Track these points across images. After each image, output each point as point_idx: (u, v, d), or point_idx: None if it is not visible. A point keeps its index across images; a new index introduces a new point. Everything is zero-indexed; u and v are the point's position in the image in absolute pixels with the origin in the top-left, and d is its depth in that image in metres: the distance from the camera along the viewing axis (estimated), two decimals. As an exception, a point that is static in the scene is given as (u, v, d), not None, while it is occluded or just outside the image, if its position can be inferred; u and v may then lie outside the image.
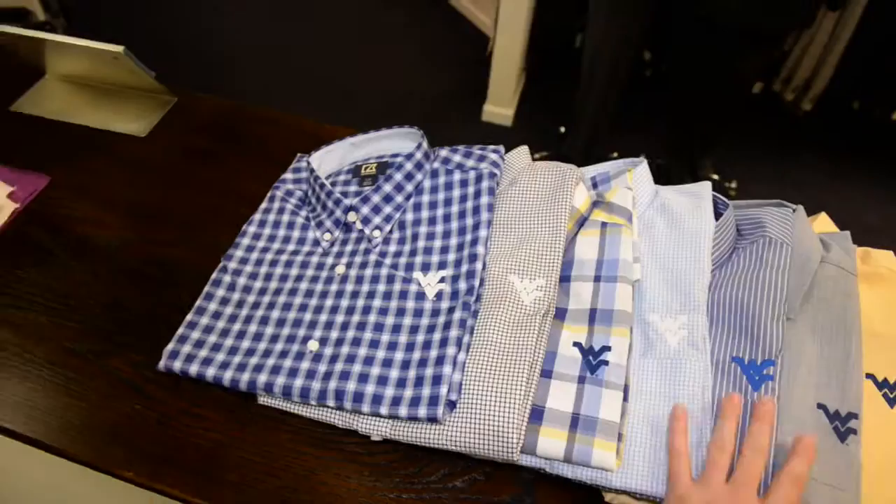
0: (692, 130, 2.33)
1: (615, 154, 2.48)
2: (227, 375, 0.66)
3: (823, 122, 2.68)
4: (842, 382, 0.63)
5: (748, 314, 0.65)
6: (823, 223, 0.78)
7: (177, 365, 0.67)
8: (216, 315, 0.72)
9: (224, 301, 0.73)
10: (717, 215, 0.73)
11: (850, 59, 2.50)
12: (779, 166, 2.56)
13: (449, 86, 2.74)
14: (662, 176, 2.39)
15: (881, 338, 0.68)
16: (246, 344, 0.68)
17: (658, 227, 0.72)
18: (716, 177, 2.40)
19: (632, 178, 0.75)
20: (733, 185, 2.40)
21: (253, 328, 0.70)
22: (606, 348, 0.63)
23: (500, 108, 2.54)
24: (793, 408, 0.62)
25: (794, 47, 2.60)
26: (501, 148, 0.78)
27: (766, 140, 2.66)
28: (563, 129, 2.50)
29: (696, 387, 0.61)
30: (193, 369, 0.67)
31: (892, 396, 0.65)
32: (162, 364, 0.68)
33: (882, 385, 0.65)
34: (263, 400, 0.67)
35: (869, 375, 0.66)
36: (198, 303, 0.72)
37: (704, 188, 0.74)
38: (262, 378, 0.64)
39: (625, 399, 0.61)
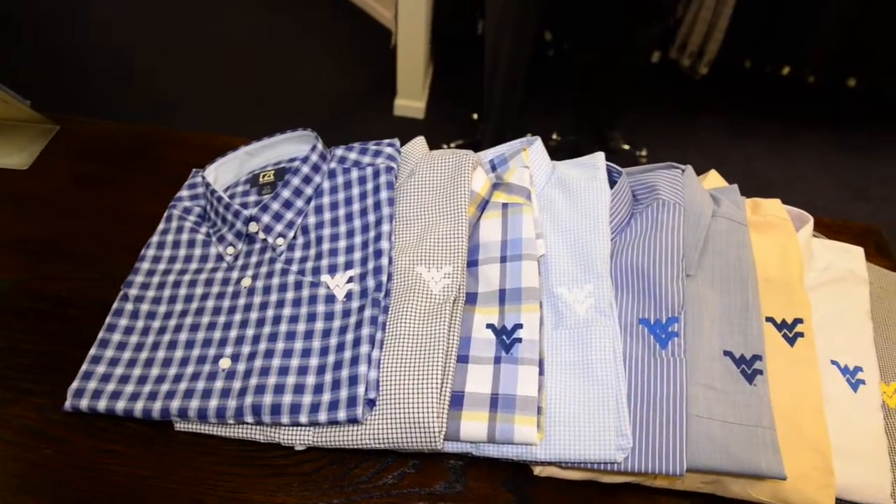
0: (599, 105, 2.39)
1: (529, 135, 2.52)
2: (139, 406, 0.63)
3: (720, 83, 2.80)
4: (743, 328, 0.66)
5: (649, 276, 0.67)
6: (713, 179, 0.82)
7: (84, 403, 0.64)
8: (121, 346, 0.69)
9: (128, 330, 0.70)
10: (613, 184, 0.75)
11: (738, 22, 2.61)
12: (683, 130, 2.66)
13: (358, 83, 2.72)
14: (575, 152, 2.45)
15: (776, 282, 0.71)
16: (155, 371, 0.66)
17: (557, 202, 0.73)
18: (627, 147, 2.47)
19: (528, 157, 0.76)
20: (644, 152, 2.48)
21: (161, 354, 0.67)
22: (518, 326, 0.64)
23: (410, 101, 2.54)
24: (701, 358, 0.64)
25: (686, 15, 2.70)
26: (396, 141, 0.78)
27: (670, 106, 2.76)
28: (475, 116, 2.52)
29: (608, 351, 0.63)
30: (102, 405, 0.64)
31: (791, 336, 0.68)
32: (68, 404, 0.65)
33: (781, 326, 0.69)
34: (180, 426, 0.64)
35: (769, 319, 0.69)
36: (100, 336, 0.69)
37: (598, 159, 0.76)
38: (175, 404, 0.62)
39: (541, 373, 0.62)
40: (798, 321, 0.68)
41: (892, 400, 0.71)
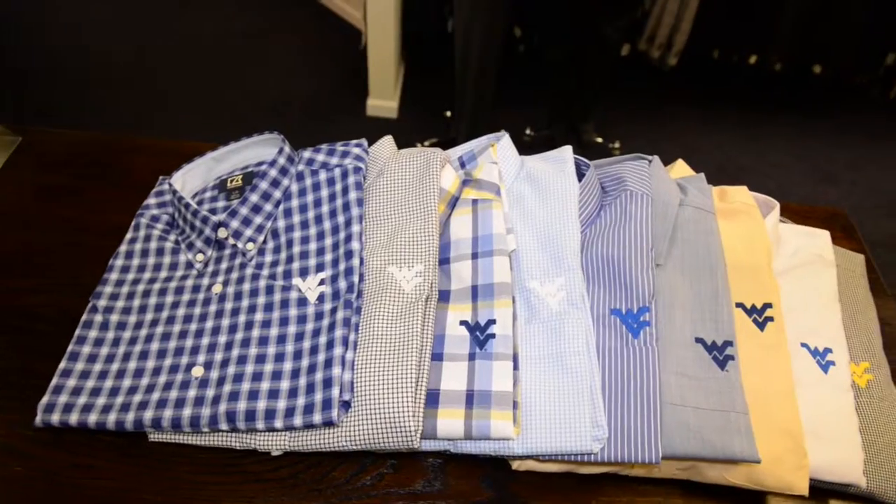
0: (571, 99, 2.40)
1: (503, 131, 2.52)
2: (111, 418, 0.62)
3: (689, 74, 2.83)
4: (714, 315, 0.67)
5: (620, 267, 0.67)
6: (680, 169, 0.83)
7: (55, 418, 0.63)
8: (91, 358, 0.68)
9: (98, 342, 0.69)
10: (581, 176, 0.75)
11: (705, 12, 2.65)
12: (655, 121, 2.68)
13: (329, 85, 2.70)
14: (549, 146, 2.46)
15: (745, 268, 0.72)
16: (127, 383, 0.65)
17: (527, 197, 0.74)
18: (599, 139, 2.49)
19: (496, 153, 0.76)
20: (616, 144, 2.50)
21: (132, 365, 0.66)
22: (492, 321, 0.64)
23: (383, 101, 2.53)
24: (673, 346, 0.65)
25: (654, 7, 2.72)
26: (364, 141, 0.77)
27: (641, 98, 2.78)
28: (448, 114, 2.52)
29: (581, 343, 0.63)
30: (74, 419, 0.63)
31: (761, 321, 0.69)
32: (38, 419, 0.64)
33: (751, 311, 0.70)
34: (154, 437, 0.64)
35: (739, 304, 0.70)
36: (70, 348, 0.68)
37: (566, 152, 0.76)
38: (149, 414, 0.62)
39: (515, 367, 0.63)
40: (767, 306, 0.69)
41: (862, 380, 0.73)
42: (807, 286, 0.76)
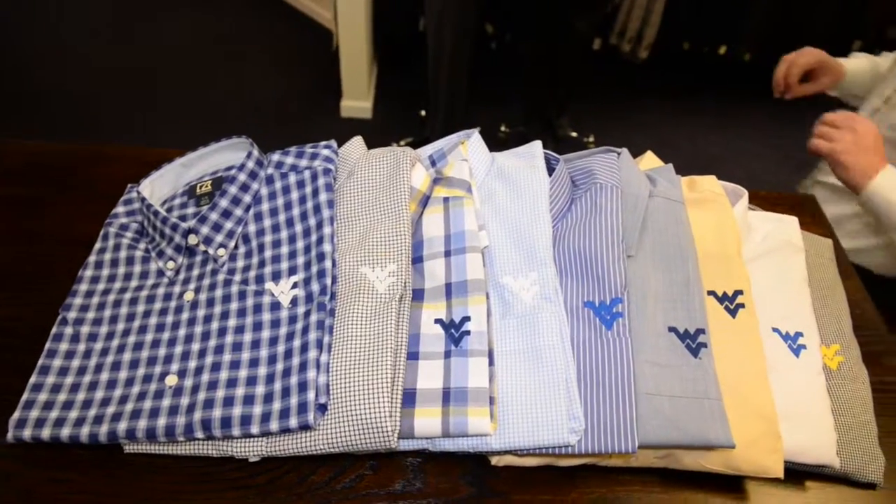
0: (545, 94, 2.42)
1: (478, 128, 2.53)
2: (85, 431, 0.61)
3: (660, 66, 2.86)
4: (686, 304, 0.68)
5: (591, 259, 0.68)
6: (650, 160, 0.83)
7: (27, 433, 0.62)
8: (63, 371, 0.67)
9: (69, 355, 0.68)
10: (552, 171, 0.76)
11: (674, 5, 2.67)
12: (628, 113, 2.71)
13: (302, 87, 2.69)
14: (524, 142, 2.47)
15: (715, 256, 0.73)
16: (100, 394, 0.64)
17: (498, 193, 0.74)
18: (574, 134, 2.50)
19: (466, 150, 0.76)
20: (591, 138, 2.51)
21: (105, 376, 0.66)
22: (466, 318, 0.64)
23: (357, 101, 2.53)
24: (646, 336, 0.65)
25: (624, 1, 2.74)
26: (333, 142, 0.77)
27: (613, 91, 2.80)
28: (423, 113, 2.52)
29: (555, 336, 0.63)
30: (46, 433, 0.62)
31: (732, 308, 0.70)
32: (10, 435, 0.63)
33: (722, 299, 0.71)
34: (129, 448, 0.63)
35: (710, 293, 0.71)
36: (40, 362, 0.67)
37: (535, 148, 0.77)
38: (123, 426, 0.61)
39: (491, 363, 0.63)
40: (738, 293, 0.70)
41: (833, 362, 0.74)
42: (776, 272, 0.77)
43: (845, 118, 0.99)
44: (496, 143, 2.41)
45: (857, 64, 1.29)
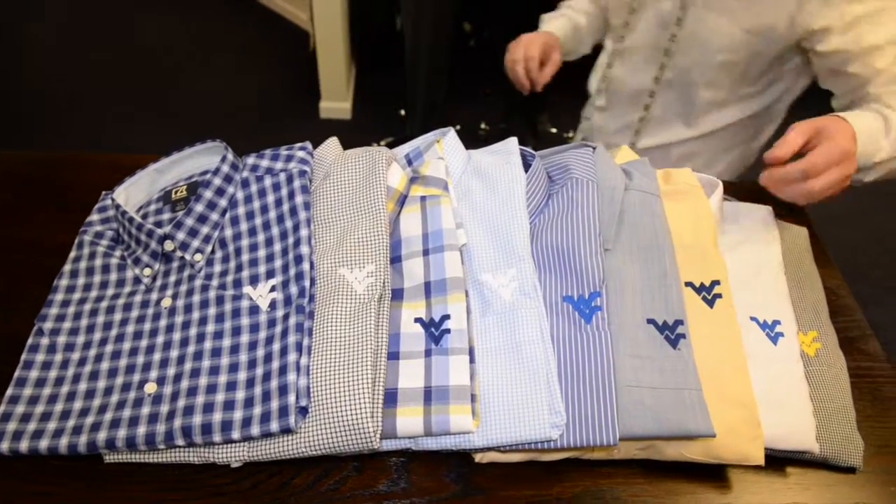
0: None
1: (458, 127, 2.53)
2: (63, 442, 0.61)
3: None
4: (664, 295, 0.68)
5: (569, 254, 0.68)
6: (625, 154, 0.84)
7: (4, 446, 0.61)
8: (40, 382, 0.66)
9: (46, 366, 0.67)
10: (528, 167, 0.76)
11: None
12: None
13: (281, 88, 2.67)
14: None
15: (691, 248, 0.73)
16: (78, 405, 0.64)
17: (475, 190, 0.74)
18: (554, 130, 2.51)
19: (442, 148, 0.76)
20: (571, 134, 2.52)
21: (83, 386, 0.65)
22: (446, 317, 0.64)
23: (336, 102, 2.52)
24: (625, 329, 0.66)
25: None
26: (308, 144, 0.77)
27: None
28: (403, 112, 2.51)
29: (535, 332, 0.64)
30: (24, 446, 0.61)
31: (710, 298, 0.71)
32: (-12, 449, 0.62)
33: (700, 290, 0.71)
34: (109, 458, 0.62)
35: (688, 283, 0.71)
36: (17, 374, 0.66)
37: (511, 144, 0.77)
38: (102, 435, 0.60)
39: (471, 360, 0.63)
40: (715, 283, 0.71)
41: (811, 349, 0.75)
42: (753, 261, 0.77)
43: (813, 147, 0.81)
44: (477, 140, 2.41)
45: (559, 25, 1.27)
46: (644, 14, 1.10)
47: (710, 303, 0.70)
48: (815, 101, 1.06)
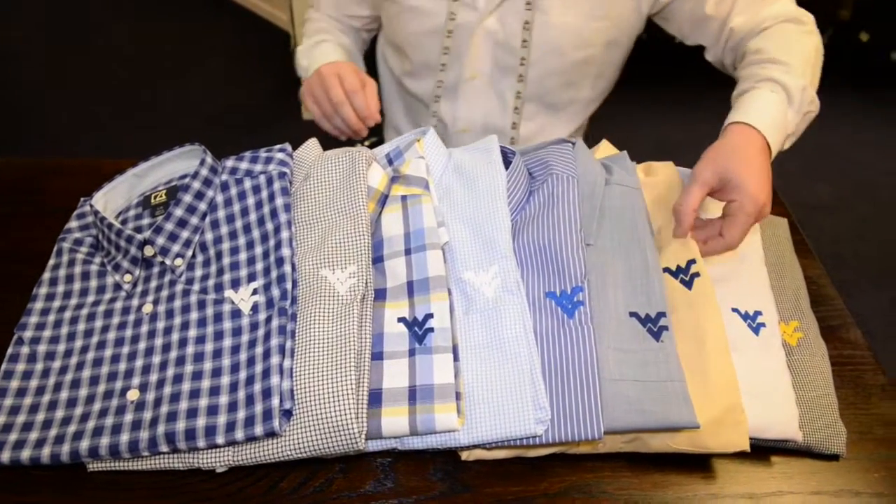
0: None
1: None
2: (45, 452, 0.60)
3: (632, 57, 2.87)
4: (646, 288, 0.69)
5: (551, 250, 0.68)
6: (605, 149, 0.84)
7: (-14, 458, 0.61)
8: (21, 392, 0.65)
9: (27, 375, 0.66)
10: (508, 164, 0.76)
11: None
12: (592, 104, 2.72)
13: (262, 89, 2.66)
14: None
15: (666, 231, 0.74)
16: (60, 414, 0.63)
17: (455, 189, 0.74)
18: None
19: (422, 147, 0.76)
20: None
21: (65, 395, 0.64)
22: (429, 316, 0.64)
23: (319, 103, 2.50)
24: (608, 323, 0.66)
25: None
26: (287, 146, 0.76)
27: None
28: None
29: (518, 328, 0.64)
30: (6, 457, 0.61)
31: (688, 279, 0.71)
32: (-32, 461, 0.61)
33: (677, 273, 0.71)
34: (93, 466, 0.62)
35: (665, 269, 0.71)
36: (-3, 384, 0.66)
37: (491, 142, 0.77)
38: (85, 444, 0.60)
39: (456, 359, 0.63)
40: (692, 262, 0.71)
41: (793, 338, 0.75)
42: (733, 253, 0.78)
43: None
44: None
45: (337, 52, 1.12)
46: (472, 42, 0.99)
47: (689, 284, 0.70)
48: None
